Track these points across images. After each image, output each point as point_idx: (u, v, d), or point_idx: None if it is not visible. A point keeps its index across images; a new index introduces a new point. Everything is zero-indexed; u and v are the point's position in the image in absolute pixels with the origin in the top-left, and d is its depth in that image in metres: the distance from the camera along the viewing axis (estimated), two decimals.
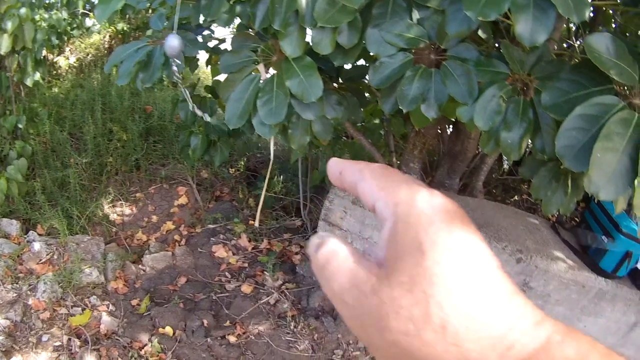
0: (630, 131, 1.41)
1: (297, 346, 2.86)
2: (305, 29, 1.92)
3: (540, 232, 3.30)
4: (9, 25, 2.96)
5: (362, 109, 2.60)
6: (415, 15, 1.95)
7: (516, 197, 4.18)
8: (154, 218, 3.68)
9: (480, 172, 3.41)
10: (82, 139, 3.76)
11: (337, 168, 0.43)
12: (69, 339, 2.78)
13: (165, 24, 2.38)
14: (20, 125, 3.37)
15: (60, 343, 2.75)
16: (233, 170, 4.09)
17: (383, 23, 1.88)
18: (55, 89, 4.19)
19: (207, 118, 2.62)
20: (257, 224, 3.00)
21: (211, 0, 2.04)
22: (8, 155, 3.28)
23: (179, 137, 3.55)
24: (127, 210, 3.70)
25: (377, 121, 3.44)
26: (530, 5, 1.50)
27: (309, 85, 1.97)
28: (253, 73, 2.17)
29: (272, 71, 2.15)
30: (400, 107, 1.90)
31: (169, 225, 3.64)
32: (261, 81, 2.09)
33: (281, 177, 3.69)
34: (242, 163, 4.10)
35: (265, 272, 3.20)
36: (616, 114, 1.42)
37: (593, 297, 3.08)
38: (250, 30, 2.32)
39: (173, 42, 2.04)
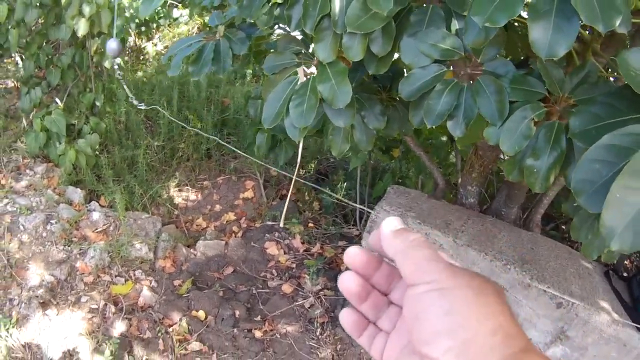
0: None
1: (319, 353, 2.85)
2: (342, 34, 1.93)
3: (591, 279, 3.09)
4: (87, 10, 3.26)
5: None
6: (455, 25, 1.89)
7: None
8: (217, 207, 3.82)
9: (540, 205, 3.23)
10: (157, 123, 4.01)
11: (391, 227, 0.58)
12: (106, 304, 2.94)
13: (222, 21, 2.50)
14: (97, 103, 3.68)
15: (96, 306, 2.93)
16: (303, 171, 4.16)
17: (419, 32, 1.85)
18: (140, 73, 4.51)
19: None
20: (282, 224, 3.02)
21: (251, 1, 2.11)
22: (82, 130, 3.58)
23: None
24: (192, 196, 3.87)
25: (444, 138, 3.36)
26: (552, 12, 1.35)
27: (339, 91, 1.97)
28: (293, 76, 2.21)
29: (311, 74, 2.19)
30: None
31: (230, 216, 3.76)
32: (298, 84, 2.13)
33: (345, 184, 3.69)
34: (312, 166, 4.15)
35: (306, 275, 3.19)
36: None
37: (634, 358, 2.83)
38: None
39: (112, 45, 2.62)
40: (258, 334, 2.91)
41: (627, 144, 1.23)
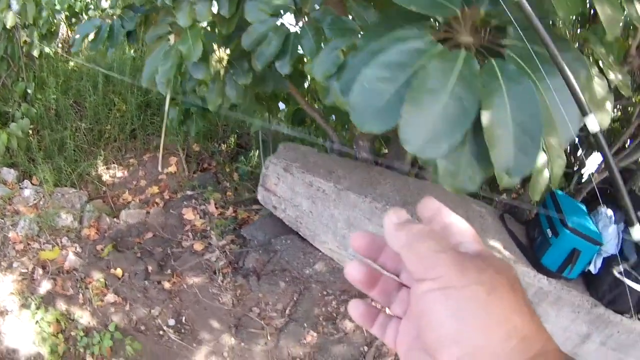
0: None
1: (220, 298, 3.29)
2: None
3: (482, 220, 3.33)
4: (14, 3, 3.70)
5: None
6: None
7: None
8: (142, 182, 4.27)
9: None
10: (85, 107, 4.46)
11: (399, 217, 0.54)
12: (34, 268, 3.38)
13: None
14: (29, 91, 4.12)
15: (26, 270, 3.36)
16: (225, 145, 4.60)
17: None
18: (71, 63, 4.94)
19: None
20: (160, 168, 3.46)
21: None
22: (15, 116, 4.03)
23: None
24: (119, 174, 4.31)
25: None
26: None
27: (194, 48, 2.45)
28: (165, 42, 2.68)
29: None
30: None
31: (154, 189, 4.21)
32: (167, 47, 2.60)
33: (257, 152, 4.13)
34: (233, 139, 4.60)
35: (212, 232, 3.64)
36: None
37: (532, 297, 3.03)
38: None
39: None
40: (167, 285, 3.35)
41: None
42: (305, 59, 2.78)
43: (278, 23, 2.30)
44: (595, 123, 0.98)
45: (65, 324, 3.09)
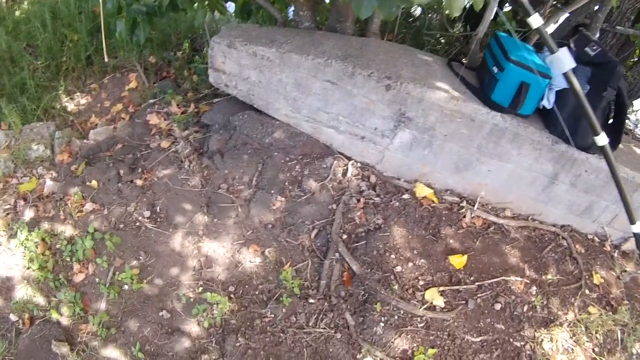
0: None
1: (189, 183, 3.41)
2: None
3: (428, 67, 3.31)
4: None
5: None
6: None
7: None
8: (107, 103, 4.38)
9: (375, 14, 3.51)
10: (38, 47, 4.55)
11: None
12: (16, 201, 3.55)
13: None
14: None
15: (9, 206, 3.54)
16: (180, 52, 4.64)
17: None
18: (17, 12, 5.02)
19: None
20: (106, 58, 3.53)
21: None
22: None
23: None
24: (83, 101, 4.43)
25: None
26: None
27: None
28: None
29: None
30: None
31: (119, 107, 4.32)
32: None
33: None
34: (187, 44, 4.63)
35: (174, 124, 3.73)
36: None
37: (489, 135, 3.07)
38: None
39: None
40: (139, 182, 3.48)
41: None
42: None
43: None
44: None
45: (50, 241, 3.27)
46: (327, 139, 3.45)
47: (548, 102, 3.02)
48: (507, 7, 4.24)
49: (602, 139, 2.04)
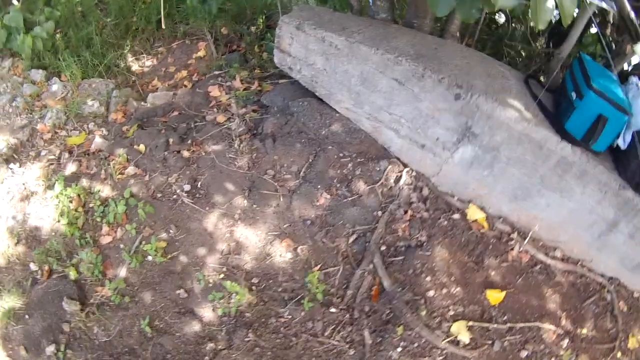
0: None
1: (236, 163, 3.27)
2: None
3: (505, 81, 3.04)
4: None
5: None
6: None
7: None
8: (172, 68, 4.30)
9: (454, 16, 3.31)
10: (110, 4, 4.52)
11: None
12: (61, 153, 3.51)
13: None
14: None
15: (54, 157, 3.52)
16: (254, 27, 4.51)
17: None
18: None
19: None
20: (163, 25, 3.40)
21: None
22: (39, 21, 4.17)
23: None
24: (148, 63, 4.37)
25: None
26: None
27: None
28: None
29: None
30: None
31: (183, 73, 4.23)
32: None
33: None
34: (261, 20, 4.49)
35: (232, 101, 3.59)
36: None
37: (555, 167, 2.78)
38: None
39: None
40: (186, 154, 3.37)
41: None
42: None
43: None
44: None
45: (85, 198, 3.19)
46: (385, 141, 3.23)
47: (623, 142, 2.72)
48: (593, 29, 3.89)
49: None
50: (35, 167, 3.43)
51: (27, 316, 2.88)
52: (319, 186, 3.13)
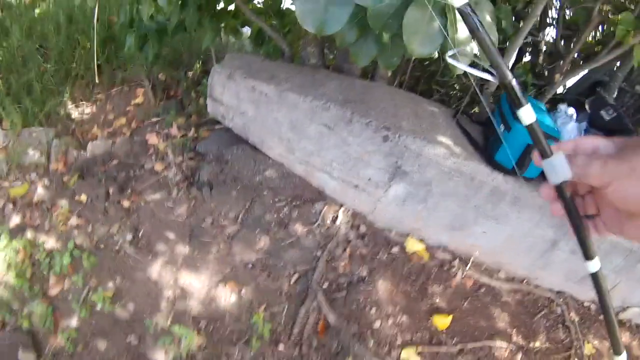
0: None
1: (175, 212, 3.49)
2: None
3: (433, 119, 3.24)
4: None
5: None
6: None
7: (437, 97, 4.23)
8: (111, 116, 4.48)
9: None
10: (51, 49, 4.66)
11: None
12: (5, 204, 3.65)
13: None
14: None
15: None
16: (191, 73, 4.74)
17: None
18: (37, 10, 5.14)
19: None
20: (97, 79, 3.63)
21: None
22: None
23: None
24: (87, 110, 4.53)
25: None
26: None
27: None
28: None
29: None
30: None
31: (122, 120, 4.42)
32: None
33: None
34: (198, 65, 4.73)
35: (168, 149, 3.82)
36: None
37: (489, 196, 2.97)
38: None
39: None
40: (126, 203, 3.57)
41: None
42: None
43: None
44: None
45: (30, 250, 3.35)
46: (319, 183, 3.46)
47: None
48: (527, 57, 4.24)
49: (594, 265, 2.02)
50: None
51: None
52: (257, 230, 3.37)
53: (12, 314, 3.19)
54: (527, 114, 0.86)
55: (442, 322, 3.07)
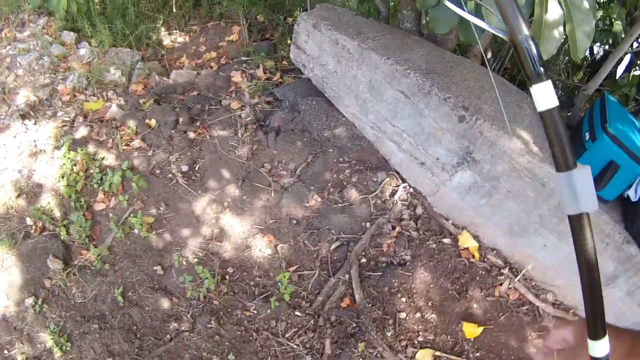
0: None
1: (237, 151, 3.38)
2: None
3: (519, 110, 2.92)
4: None
5: None
6: None
7: None
8: (202, 48, 4.44)
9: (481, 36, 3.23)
10: None
11: None
12: (76, 116, 3.69)
13: None
14: None
15: (69, 118, 3.70)
16: (291, 19, 4.61)
17: None
18: None
19: None
20: (174, 9, 3.52)
21: None
22: None
23: None
24: (180, 39, 4.51)
25: None
26: None
27: None
28: None
29: None
30: None
31: (212, 54, 4.37)
32: None
33: None
34: (298, 12, 4.58)
35: (246, 91, 3.70)
36: None
37: (556, 207, 2.65)
38: None
39: None
40: (192, 135, 3.51)
41: None
42: None
43: None
44: None
45: (87, 163, 3.35)
46: (386, 152, 3.26)
47: (635, 194, 2.62)
48: (637, 71, 3.77)
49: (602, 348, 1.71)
50: (48, 127, 3.61)
51: (14, 266, 3.06)
52: (312, 187, 3.21)
53: (53, 222, 3.19)
54: (543, 94, 0.55)
55: (471, 330, 2.77)
